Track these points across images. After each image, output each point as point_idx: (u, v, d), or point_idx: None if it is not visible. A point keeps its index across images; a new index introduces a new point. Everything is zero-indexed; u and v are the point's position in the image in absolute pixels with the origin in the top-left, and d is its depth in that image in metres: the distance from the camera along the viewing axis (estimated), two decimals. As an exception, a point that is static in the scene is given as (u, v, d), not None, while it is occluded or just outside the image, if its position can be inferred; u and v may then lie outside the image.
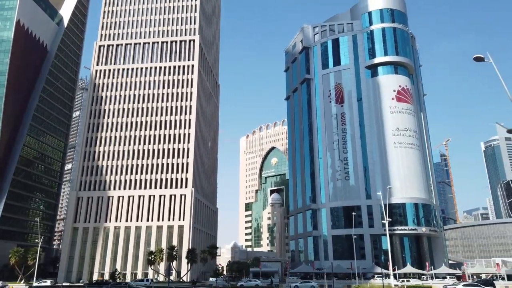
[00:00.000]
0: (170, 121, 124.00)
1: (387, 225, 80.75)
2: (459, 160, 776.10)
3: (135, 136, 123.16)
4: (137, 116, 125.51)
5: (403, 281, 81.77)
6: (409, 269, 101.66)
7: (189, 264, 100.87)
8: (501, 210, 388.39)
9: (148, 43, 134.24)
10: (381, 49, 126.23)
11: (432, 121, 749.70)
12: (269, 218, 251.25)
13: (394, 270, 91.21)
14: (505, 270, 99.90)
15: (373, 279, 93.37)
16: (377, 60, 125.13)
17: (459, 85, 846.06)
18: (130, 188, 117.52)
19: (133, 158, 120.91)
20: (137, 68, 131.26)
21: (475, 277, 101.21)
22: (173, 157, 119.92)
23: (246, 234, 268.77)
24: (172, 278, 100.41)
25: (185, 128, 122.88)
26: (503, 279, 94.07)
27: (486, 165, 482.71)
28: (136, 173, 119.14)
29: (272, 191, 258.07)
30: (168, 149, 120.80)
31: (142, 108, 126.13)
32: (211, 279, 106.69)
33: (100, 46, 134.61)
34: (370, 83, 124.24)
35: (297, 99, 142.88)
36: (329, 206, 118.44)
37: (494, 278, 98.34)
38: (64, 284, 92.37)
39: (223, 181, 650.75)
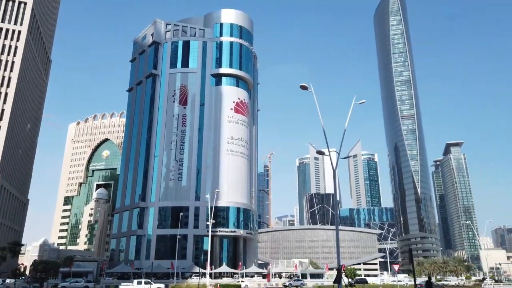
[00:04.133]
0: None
1: (210, 226, 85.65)
2: (278, 172, 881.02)
3: None
4: None
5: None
6: (224, 268, 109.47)
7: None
8: (304, 218, 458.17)
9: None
10: (227, 61, 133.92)
11: (261, 135, 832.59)
12: (91, 215, 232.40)
13: (211, 269, 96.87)
14: (300, 269, 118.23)
15: (191, 278, 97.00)
16: (222, 70, 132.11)
17: (287, 105, 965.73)
18: None
19: None
20: None
21: (277, 275, 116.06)
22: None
23: (61, 230, 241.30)
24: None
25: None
26: (298, 277, 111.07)
27: (298, 179, 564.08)
28: None
29: (99, 186, 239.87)
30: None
31: None
32: (8, 280, 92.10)
33: None
34: (213, 91, 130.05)
35: (140, 92, 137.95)
36: (158, 206, 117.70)
37: (292, 275, 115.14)
38: None
39: (42, 169, 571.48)
